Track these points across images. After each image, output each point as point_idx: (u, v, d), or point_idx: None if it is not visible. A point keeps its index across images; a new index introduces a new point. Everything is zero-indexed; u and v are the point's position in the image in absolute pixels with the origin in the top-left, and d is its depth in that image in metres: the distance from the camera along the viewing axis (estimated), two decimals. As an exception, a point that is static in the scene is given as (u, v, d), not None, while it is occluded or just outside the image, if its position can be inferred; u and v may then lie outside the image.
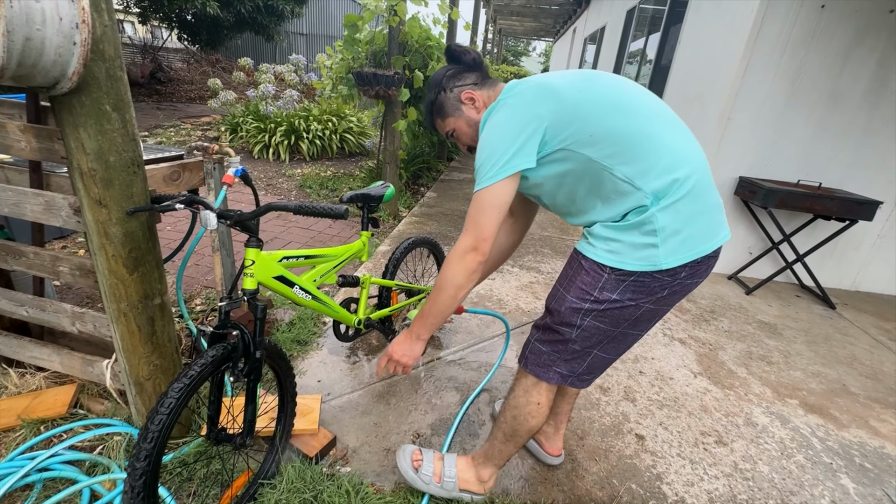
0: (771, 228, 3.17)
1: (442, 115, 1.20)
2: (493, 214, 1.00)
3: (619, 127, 0.97)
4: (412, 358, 1.23)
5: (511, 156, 0.97)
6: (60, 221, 1.24)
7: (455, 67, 1.18)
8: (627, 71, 5.97)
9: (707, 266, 1.04)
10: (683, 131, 1.04)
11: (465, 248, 1.04)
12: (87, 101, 1.03)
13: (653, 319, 1.13)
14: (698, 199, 0.99)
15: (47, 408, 1.49)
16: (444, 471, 1.34)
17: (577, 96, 0.98)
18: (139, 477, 0.93)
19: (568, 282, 1.10)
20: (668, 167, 0.96)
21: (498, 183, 0.98)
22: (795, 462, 1.67)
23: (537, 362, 1.19)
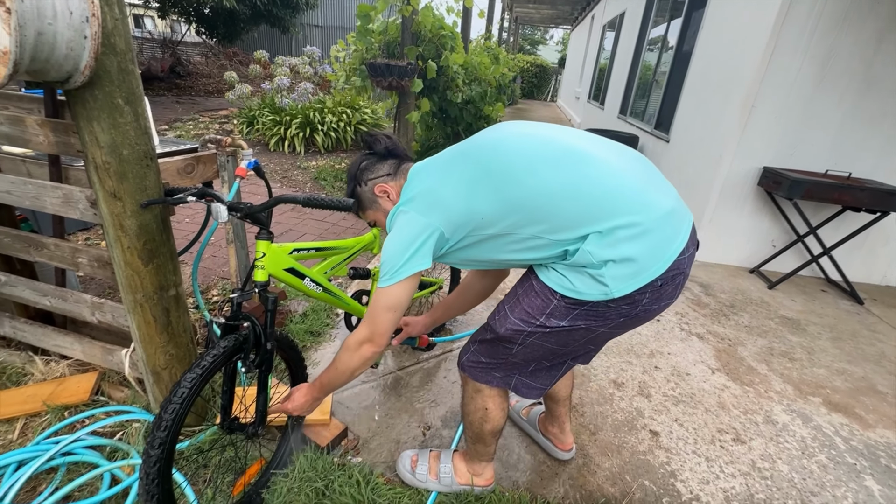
0: (796, 221, 3.05)
1: (362, 209, 1.22)
2: (389, 314, 1.05)
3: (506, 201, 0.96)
4: (306, 412, 1.29)
5: (405, 261, 0.99)
6: (78, 214, 1.27)
7: (369, 159, 1.19)
8: (647, 58, 5.80)
9: (674, 285, 0.97)
10: (594, 164, 0.96)
11: (361, 339, 1.08)
12: (99, 95, 1.04)
13: (610, 338, 1.10)
14: (632, 218, 0.91)
15: (70, 394, 1.54)
16: (440, 467, 1.39)
17: (463, 201, 0.99)
18: (153, 464, 0.95)
19: (515, 301, 1.07)
20: (572, 211, 0.93)
21: (393, 286, 1.01)
22: (817, 462, 1.62)
23: (475, 367, 1.21)
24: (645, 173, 1.00)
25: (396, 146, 1.19)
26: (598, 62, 9.38)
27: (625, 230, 0.91)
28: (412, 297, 1.06)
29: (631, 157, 1.03)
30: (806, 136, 2.90)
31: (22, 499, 1.25)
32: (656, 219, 0.93)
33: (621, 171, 0.96)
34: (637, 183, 0.96)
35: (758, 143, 2.96)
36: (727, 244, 3.28)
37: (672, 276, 0.95)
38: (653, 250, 0.92)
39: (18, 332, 1.62)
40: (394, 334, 1.62)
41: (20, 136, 1.23)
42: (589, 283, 0.93)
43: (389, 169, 1.16)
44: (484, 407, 1.23)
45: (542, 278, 1.00)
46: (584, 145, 0.99)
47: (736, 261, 3.34)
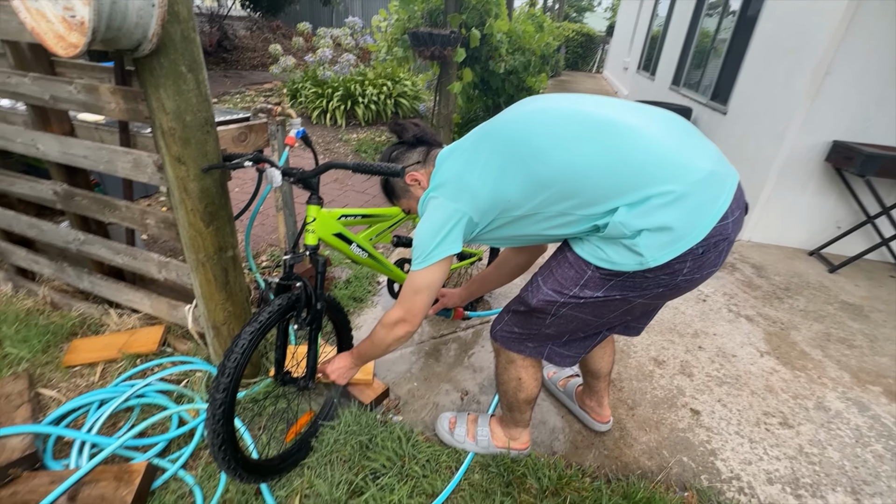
0: (867, 200, 2.81)
1: (395, 197, 1.26)
2: (421, 297, 1.08)
3: (532, 181, 0.94)
4: (343, 379, 1.36)
5: (435, 245, 1.01)
6: (146, 178, 1.36)
7: (398, 148, 1.20)
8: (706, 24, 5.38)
9: (717, 252, 0.92)
10: (626, 133, 0.91)
11: (395, 319, 1.12)
12: (165, 63, 1.10)
13: (652, 312, 1.08)
14: (668, 184, 0.87)
15: (141, 344, 1.70)
16: (478, 430, 1.43)
17: (489, 186, 0.98)
18: (219, 406, 1.04)
19: (548, 273, 1.06)
20: (601, 184, 0.90)
21: (425, 269, 1.04)
22: (872, 451, 1.55)
23: (507, 337, 1.22)
24: (679, 136, 0.94)
25: (425, 133, 1.20)
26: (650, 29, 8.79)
27: (657, 198, 0.86)
28: (444, 278, 1.08)
29: (663, 119, 0.96)
30: (885, 107, 2.63)
31: (105, 432, 1.41)
32: (692, 183, 0.87)
33: (652, 137, 0.91)
34: (670, 148, 0.90)
35: (828, 115, 2.71)
36: (785, 225, 3.08)
37: (714, 243, 0.89)
38: (690, 216, 0.87)
39: (96, 287, 1.78)
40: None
41: (95, 103, 1.32)
42: (624, 253, 0.91)
43: (419, 157, 1.17)
44: (518, 377, 1.25)
45: (577, 250, 0.99)
46: (612, 114, 0.94)
47: (794, 242, 3.14)
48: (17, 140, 1.56)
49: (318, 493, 1.25)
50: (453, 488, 1.30)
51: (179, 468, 1.30)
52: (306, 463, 1.34)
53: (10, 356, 1.67)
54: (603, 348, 1.39)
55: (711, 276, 0.99)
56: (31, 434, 1.29)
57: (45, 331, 1.77)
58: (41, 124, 1.53)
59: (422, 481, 1.30)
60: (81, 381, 1.62)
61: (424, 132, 1.20)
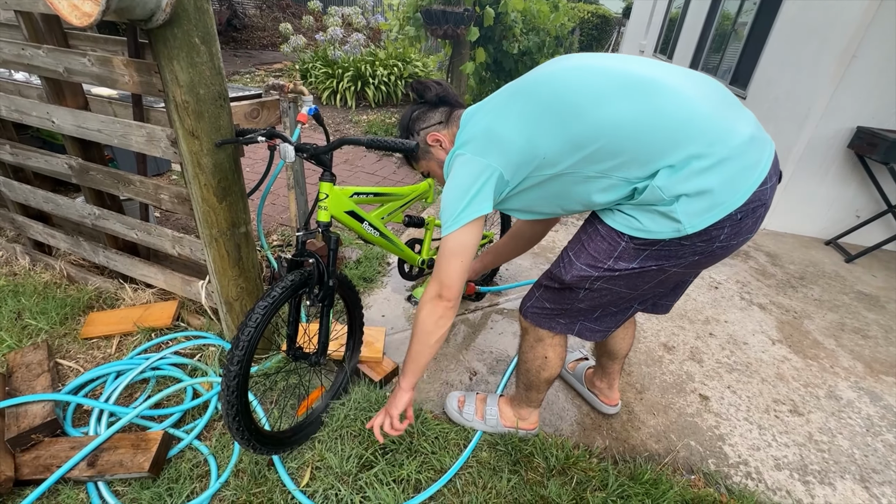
0: (889, 188, 2.73)
1: (415, 159, 1.20)
2: (455, 262, 1.01)
3: (568, 138, 0.90)
4: (398, 412, 1.18)
5: (465, 205, 0.96)
6: (160, 152, 1.36)
7: (420, 108, 1.16)
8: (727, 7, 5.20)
9: (755, 218, 0.90)
10: (666, 92, 0.87)
11: (431, 295, 1.05)
12: (178, 34, 1.09)
13: (685, 281, 1.04)
14: (709, 148, 0.84)
15: (156, 318, 1.72)
16: (486, 409, 1.44)
17: (521, 137, 0.93)
18: (233, 378, 1.06)
19: (580, 247, 1.03)
20: (642, 144, 0.86)
21: (456, 231, 0.98)
22: (883, 441, 1.54)
23: (539, 314, 1.18)
24: (720, 99, 0.91)
25: (447, 92, 1.15)
26: (668, 11, 8.52)
27: (699, 161, 0.84)
28: (478, 242, 1.02)
29: (704, 82, 0.93)
30: (915, 92, 2.54)
31: (121, 402, 1.44)
32: (734, 147, 0.85)
33: (694, 98, 0.87)
34: (712, 110, 0.87)
35: (853, 100, 2.63)
36: (803, 212, 3.02)
37: (753, 209, 0.88)
38: (731, 181, 0.85)
39: (111, 262, 1.80)
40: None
41: (108, 76, 1.31)
42: (659, 220, 0.88)
43: (441, 117, 1.13)
44: (544, 356, 1.24)
45: (608, 221, 0.96)
46: (653, 72, 0.90)
47: (811, 231, 3.08)
48: (32, 113, 1.57)
49: (328, 466, 1.28)
50: (461, 465, 1.32)
51: (194, 438, 1.33)
52: (317, 437, 1.36)
53: (30, 327, 1.71)
54: (625, 329, 1.37)
55: (724, 259, 0.97)
56: (52, 402, 1.33)
57: (62, 303, 1.80)
58: (56, 98, 1.54)
59: (430, 457, 1.32)
60: (98, 352, 1.65)
61: (447, 92, 1.15)
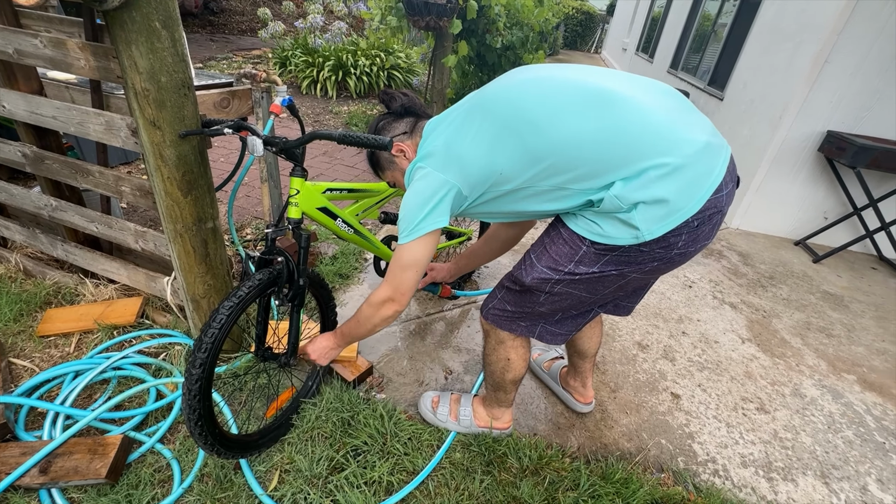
0: (856, 192, 2.83)
1: (380, 168, 1.22)
2: (409, 272, 1.04)
3: (525, 154, 0.91)
4: (326, 360, 1.30)
5: (422, 218, 0.97)
6: (120, 142, 1.29)
7: (386, 118, 1.16)
8: (707, 8, 5.27)
9: (709, 226, 0.91)
10: (622, 104, 0.88)
11: (383, 298, 1.08)
12: (137, 17, 1.02)
13: (644, 287, 1.05)
14: (663, 157, 0.85)
15: (118, 315, 1.65)
16: (460, 409, 1.43)
17: (482, 155, 0.94)
18: (195, 381, 1.01)
19: (542, 250, 1.04)
20: (595, 157, 0.87)
21: (412, 242, 0.99)
22: (843, 437, 1.59)
23: (500, 316, 1.18)
24: (675, 108, 0.92)
25: (413, 103, 1.16)
26: (651, 11, 8.61)
27: (654, 171, 0.85)
28: (432, 254, 1.04)
29: (659, 91, 0.94)
30: (883, 98, 2.62)
31: (79, 404, 1.38)
32: (688, 155, 0.86)
33: (648, 109, 0.88)
34: (665, 120, 0.88)
35: (825, 104, 2.70)
36: (773, 214, 3.10)
37: (709, 216, 0.89)
38: (686, 189, 0.86)
39: (70, 255, 1.72)
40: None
41: (62, 59, 1.23)
42: (619, 227, 0.90)
43: (406, 127, 1.13)
44: (506, 357, 1.24)
45: (570, 225, 0.97)
46: (607, 84, 0.91)
47: (781, 231, 3.17)
48: (-20, 97, 1.46)
49: (298, 469, 1.25)
50: (434, 466, 1.30)
51: (157, 442, 1.28)
52: (287, 439, 1.33)
53: (-20, 324, 1.61)
54: (592, 328, 1.39)
55: (698, 259, 0.98)
56: (2, 404, 1.25)
57: (17, 299, 1.71)
58: (6, 81, 1.44)
59: (403, 459, 1.30)
60: (56, 351, 1.57)
61: (413, 102, 1.15)
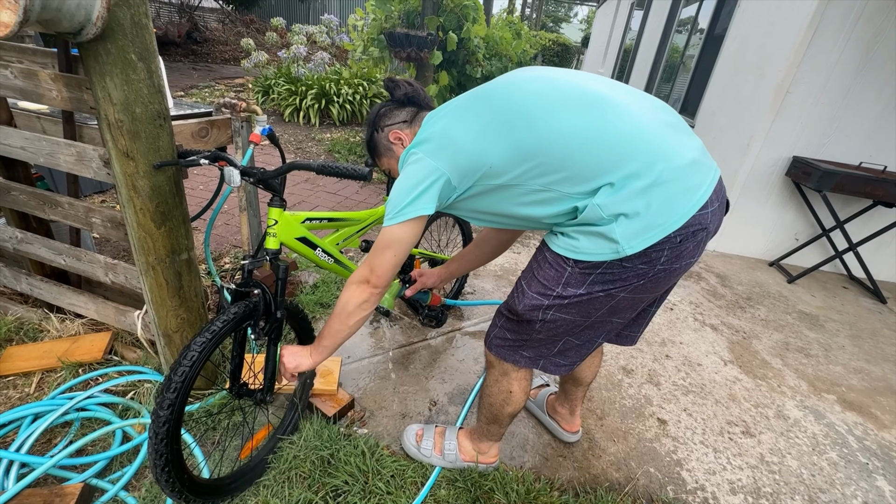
0: (823, 214, 2.94)
1: (377, 155, 1.20)
2: (389, 254, 1.02)
3: (516, 147, 0.91)
4: (296, 369, 1.18)
5: (407, 203, 0.96)
6: (91, 173, 1.26)
7: (388, 105, 1.16)
8: (676, 40, 5.56)
9: (696, 242, 0.91)
10: (614, 109, 0.90)
11: (360, 278, 1.06)
12: (112, 49, 1.01)
13: (634, 307, 1.04)
14: (650, 169, 0.86)
15: (85, 352, 1.57)
16: (445, 444, 1.38)
17: (474, 143, 0.95)
18: (163, 424, 0.96)
19: (531, 276, 1.04)
20: (585, 159, 0.88)
21: (396, 225, 0.98)
22: (828, 459, 1.59)
23: (502, 345, 1.15)
24: (668, 122, 0.93)
25: (417, 93, 1.15)
26: (623, 43, 9.04)
27: (639, 180, 0.85)
28: (414, 242, 1.03)
29: (653, 104, 0.96)
30: (841, 126, 2.76)
31: (38, 450, 1.29)
32: (674, 169, 0.87)
33: (641, 117, 0.90)
34: (657, 132, 0.89)
35: (789, 131, 2.83)
36: (748, 235, 3.19)
37: (693, 232, 0.89)
38: (669, 203, 0.86)
39: (35, 290, 1.64)
40: (407, 285, 1.63)
41: (34, 90, 1.21)
42: (599, 242, 0.90)
43: (406, 116, 1.13)
44: (508, 390, 1.20)
45: (552, 247, 0.98)
46: (603, 89, 0.94)
47: (756, 253, 3.25)
48: (-55, 127, 1.42)
49: (273, 514, 1.18)
50: (418, 505, 1.25)
51: (121, 489, 1.20)
52: (262, 481, 1.26)
53: (-68, 365, 1.51)
54: (592, 357, 1.37)
55: (678, 281, 0.97)
56: (-50, 454, 1.16)
57: (-26, 337, 1.61)
58: (-26, 111, 1.40)
59: (386, 498, 1.25)
60: (14, 392, 1.48)
61: (416, 93, 1.15)
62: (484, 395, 1.27)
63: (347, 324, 1.10)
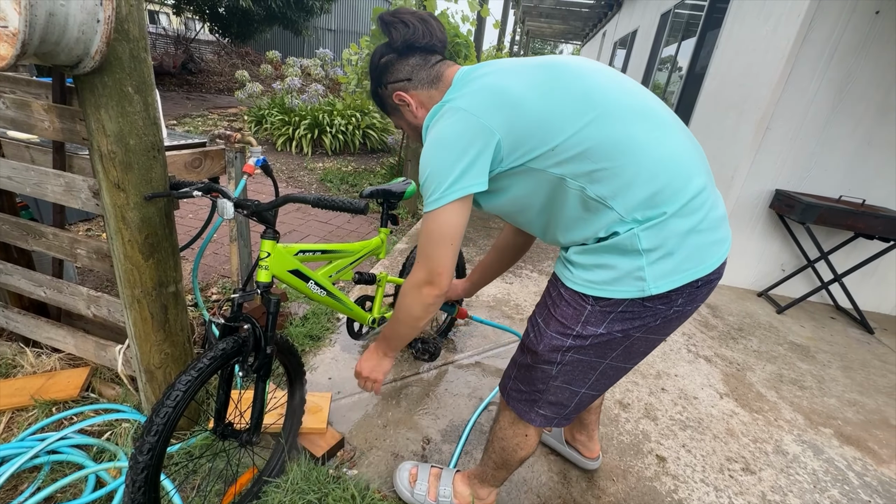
0: (807, 245, 3.01)
1: (386, 111, 1.06)
2: (442, 247, 0.87)
3: (590, 137, 0.79)
4: (381, 373, 1.17)
5: (456, 177, 0.81)
6: (80, 203, 1.23)
7: (389, 54, 0.96)
8: (658, 78, 5.81)
9: (709, 289, 0.90)
10: (673, 127, 0.86)
11: (419, 281, 0.93)
12: (109, 82, 1.01)
13: (647, 351, 0.99)
14: (695, 213, 0.82)
15: (60, 389, 1.49)
16: (440, 489, 1.30)
17: (538, 103, 0.81)
18: (141, 471, 0.90)
19: (547, 314, 0.96)
20: (653, 181, 0.80)
21: (444, 208, 0.83)
22: (830, 497, 1.56)
23: (519, 398, 1.07)
24: (707, 170, 0.90)
25: (416, 35, 0.90)
26: (607, 78, 9.40)
27: (684, 221, 0.81)
28: (465, 224, 0.87)
29: (684, 129, 0.90)
30: (820, 161, 2.86)
31: (2, 498, 1.20)
32: (712, 219, 0.85)
33: (694, 150, 0.87)
34: (704, 171, 0.86)
35: (771, 166, 2.92)
36: (736, 266, 3.23)
37: (709, 280, 0.88)
38: (700, 251, 0.84)
39: (10, 323, 1.57)
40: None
41: (26, 120, 1.19)
42: (623, 278, 0.84)
43: (410, 71, 0.93)
44: (524, 434, 1.11)
45: (568, 284, 0.91)
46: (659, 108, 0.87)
47: (744, 283, 3.29)
48: (-71, 156, 1.39)
49: (256, 567, 1.10)
50: (411, 554, 1.18)
51: (90, 541, 1.11)
52: (245, 530, 1.18)
53: None
54: None
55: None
56: None
57: (-58, 373, 1.53)
58: (-39, 140, 1.38)
59: (377, 547, 1.18)
60: (-19, 433, 1.39)
61: (415, 35, 0.90)
62: (496, 437, 1.17)
63: (416, 327, 1.02)
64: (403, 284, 0.99)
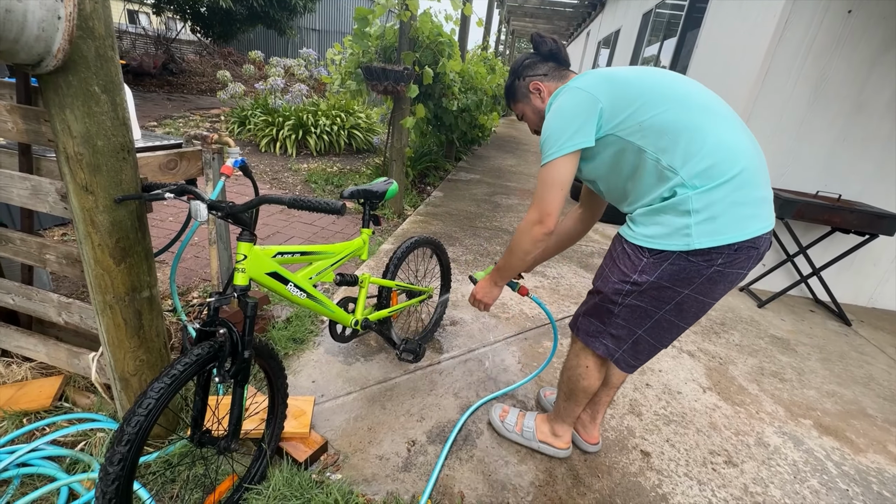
0: (786, 240, 3.07)
1: (514, 100, 1.35)
2: (555, 191, 1.13)
3: (669, 118, 1.04)
4: (491, 298, 1.48)
5: (571, 134, 1.08)
6: (47, 207, 1.19)
7: (532, 58, 1.29)
8: (641, 75, 5.87)
9: (747, 257, 1.06)
10: (734, 124, 1.08)
11: (532, 220, 1.18)
12: (74, 81, 0.98)
13: (699, 312, 1.16)
14: (741, 189, 1.02)
15: (31, 399, 1.44)
16: (525, 422, 1.59)
17: (636, 85, 1.08)
18: (112, 482, 0.87)
19: (612, 264, 1.20)
20: (711, 157, 1.02)
21: (558, 159, 1.10)
22: (809, 487, 1.59)
23: (586, 331, 1.31)
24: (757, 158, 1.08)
25: (560, 51, 1.27)
26: (592, 77, 9.49)
27: (733, 192, 1.01)
28: (573, 176, 1.13)
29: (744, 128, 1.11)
30: (798, 157, 2.92)
31: (-32, 514, 1.15)
32: (758, 198, 1.04)
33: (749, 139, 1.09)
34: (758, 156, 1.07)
35: (750, 162, 2.97)
36: (718, 261, 3.28)
37: (746, 248, 1.04)
38: (738, 222, 1.02)
39: (-22, 332, 1.52)
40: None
41: (-13, 122, 1.15)
42: (674, 234, 1.05)
43: (547, 70, 1.27)
44: (586, 364, 1.35)
45: (629, 239, 1.14)
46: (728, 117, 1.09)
47: (726, 278, 3.34)
48: None
49: (236, 577, 1.07)
50: (396, 558, 1.17)
51: (62, 556, 1.08)
52: (225, 538, 1.16)
53: None
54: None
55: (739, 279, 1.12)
56: None
57: None
58: (-79, 143, 1.32)
59: (360, 552, 1.16)
60: (-53, 447, 1.34)
61: (559, 50, 1.27)
62: (564, 368, 1.44)
63: (525, 260, 1.28)
64: (519, 225, 1.23)
